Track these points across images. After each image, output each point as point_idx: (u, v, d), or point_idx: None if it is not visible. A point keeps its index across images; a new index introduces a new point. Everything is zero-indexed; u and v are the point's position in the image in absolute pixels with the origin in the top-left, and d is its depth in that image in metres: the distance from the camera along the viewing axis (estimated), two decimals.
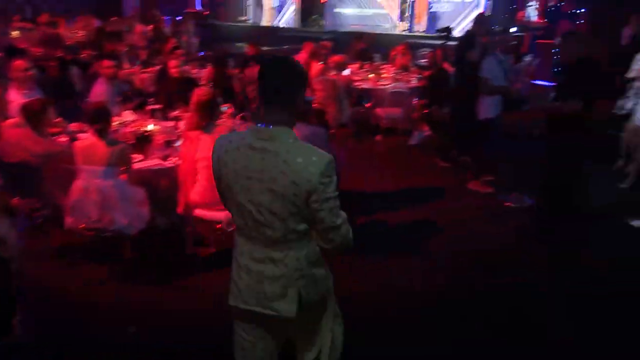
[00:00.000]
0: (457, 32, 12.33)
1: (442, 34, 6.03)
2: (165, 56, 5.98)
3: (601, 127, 5.19)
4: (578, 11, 11.72)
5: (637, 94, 5.09)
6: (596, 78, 3.97)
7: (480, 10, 12.56)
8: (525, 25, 10.84)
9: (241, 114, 4.71)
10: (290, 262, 1.77)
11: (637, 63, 5.17)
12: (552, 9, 11.64)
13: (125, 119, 4.45)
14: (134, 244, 3.67)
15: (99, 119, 3.45)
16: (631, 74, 5.14)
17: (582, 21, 11.76)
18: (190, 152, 3.44)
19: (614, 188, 5.17)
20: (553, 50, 10.50)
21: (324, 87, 4.12)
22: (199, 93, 3.48)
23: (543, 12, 11.69)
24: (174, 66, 5.49)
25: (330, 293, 2.00)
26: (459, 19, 13.16)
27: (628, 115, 5.20)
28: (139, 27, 12.70)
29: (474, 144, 5.31)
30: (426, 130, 6.70)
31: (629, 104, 5.11)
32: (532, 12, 11.80)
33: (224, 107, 4.28)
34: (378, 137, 6.73)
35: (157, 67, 6.27)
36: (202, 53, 12.96)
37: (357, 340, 2.42)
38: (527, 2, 11.89)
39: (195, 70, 6.85)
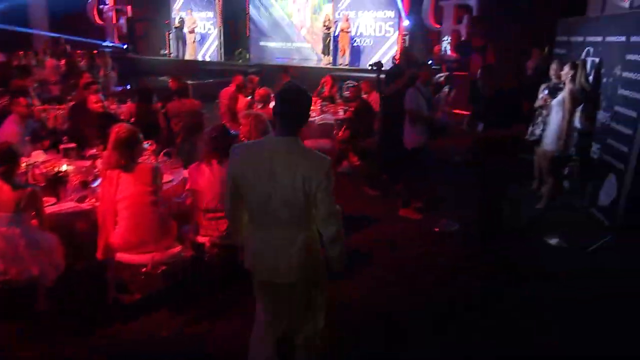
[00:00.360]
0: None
1: (375, 68, 6.34)
2: (80, 91, 5.71)
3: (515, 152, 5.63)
4: (486, 45, 12.81)
5: (544, 121, 5.59)
6: (516, 106, 4.35)
7: (399, 45, 13.37)
8: (441, 59, 11.63)
9: (165, 150, 4.57)
10: (299, 241, 2.28)
11: (542, 93, 5.70)
12: (464, 43, 12.62)
13: (35, 159, 4.16)
14: (49, 295, 3.38)
15: (4, 160, 3.21)
16: (538, 103, 5.66)
17: (490, 54, 12.84)
18: (110, 192, 3.28)
19: (530, 209, 5.57)
20: (473, 81, 11.31)
21: (248, 121, 4.13)
22: (118, 130, 3.35)
23: (455, 46, 12.63)
24: (95, 101, 5.26)
25: (324, 279, 2.48)
26: (380, 53, 13.90)
27: (538, 141, 5.68)
28: (51, 62, 12.15)
29: (402, 172, 5.53)
30: (354, 160, 6.89)
31: (537, 131, 5.59)
32: (447, 46, 12.70)
33: (146, 144, 4.14)
34: None
35: (71, 103, 5.98)
36: (122, 87, 12.59)
37: None
38: (442, 37, 12.80)
39: (114, 106, 6.61)
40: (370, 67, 6.55)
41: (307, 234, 2.31)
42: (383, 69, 6.31)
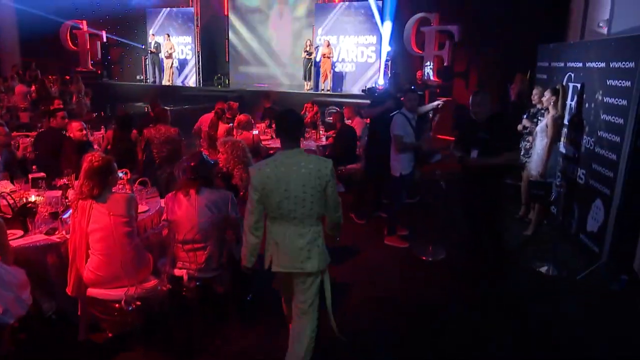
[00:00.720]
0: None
1: (367, 93, 6.48)
2: (51, 119, 5.65)
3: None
4: (470, 71, 13.18)
5: (528, 147, 5.74)
6: (512, 132, 4.41)
7: (381, 70, 13.66)
8: (424, 84, 11.89)
9: (140, 179, 4.53)
10: (311, 235, 2.87)
11: (524, 121, 5.87)
12: (446, 68, 12.96)
13: (1, 189, 4.08)
14: (15, 334, 3.26)
15: None
16: (519, 129, 5.82)
17: (473, 80, 13.21)
18: (81, 224, 3.22)
19: (518, 236, 5.64)
20: (458, 106, 11.56)
21: (225, 148, 4.14)
22: (91, 158, 3.32)
23: (437, 71, 12.95)
24: (79, 129, 5.24)
25: (327, 264, 3.01)
26: (363, 79, 14.16)
27: (522, 167, 5.81)
28: (20, 87, 12.05)
29: (388, 200, 5.56)
30: (339, 187, 6.92)
31: (522, 157, 5.72)
32: (430, 72, 13.01)
33: (121, 173, 4.10)
34: None
35: (40, 130, 5.92)
36: (95, 114, 12.51)
37: None
38: (425, 62, 13.11)
39: (85, 132, 6.54)
40: (363, 92, 6.69)
41: (315, 228, 2.90)
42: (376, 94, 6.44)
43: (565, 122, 5.81)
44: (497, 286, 4.43)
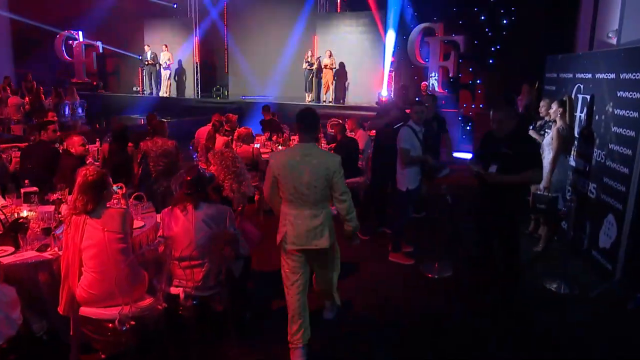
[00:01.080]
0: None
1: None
2: (42, 132, 5.67)
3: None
4: (476, 82, 13.27)
5: None
6: (535, 148, 4.33)
7: (384, 81, 13.73)
8: (430, 95, 11.95)
9: (136, 194, 4.53)
10: (324, 216, 3.44)
11: (531, 133, 5.89)
12: (452, 80, 13.04)
13: None
14: (4, 356, 3.24)
15: None
16: None
17: (480, 91, 13.29)
18: (74, 240, 3.22)
19: (528, 252, 5.61)
20: (463, 118, 11.60)
21: (215, 160, 4.14)
22: (85, 172, 3.32)
23: (443, 83, 13.03)
24: (81, 143, 5.24)
25: (335, 242, 3.63)
26: (365, 90, 14.23)
27: None
28: (13, 99, 12.14)
29: (393, 215, 5.55)
30: None
31: None
32: (435, 83, 13.08)
33: (116, 187, 4.11)
34: None
35: (30, 143, 5.95)
36: (90, 126, 12.58)
37: None
38: (429, 73, 13.20)
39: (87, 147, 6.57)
40: (376, 105, 6.74)
41: (326, 210, 3.46)
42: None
43: (575, 134, 5.82)
44: (505, 304, 4.40)
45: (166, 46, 16.11)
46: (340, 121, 8.23)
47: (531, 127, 5.99)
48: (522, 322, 4.19)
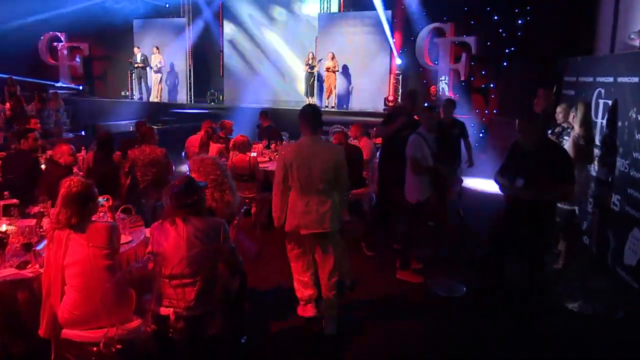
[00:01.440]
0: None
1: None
2: (21, 140, 5.68)
3: None
4: (489, 86, 13.29)
5: None
6: (564, 162, 4.19)
7: (391, 85, 13.78)
8: (448, 100, 11.96)
9: (123, 206, 4.53)
10: (330, 202, 4.07)
11: None
12: (463, 83, 13.06)
13: None
14: None
15: None
16: None
17: (493, 96, 13.30)
18: (57, 256, 3.21)
19: (548, 268, 5.57)
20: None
21: (195, 166, 4.12)
22: (69, 183, 3.32)
23: (454, 86, 13.06)
24: (69, 153, 5.23)
25: (342, 227, 4.30)
26: (371, 95, 14.28)
27: None
28: None
29: (402, 229, 5.53)
30: (345, 214, 6.86)
31: None
32: (445, 87, 13.11)
33: (102, 199, 4.11)
34: None
35: (11, 152, 5.96)
36: (75, 134, 12.63)
37: None
38: (439, 77, 13.23)
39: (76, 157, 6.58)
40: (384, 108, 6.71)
41: (334, 199, 4.10)
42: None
43: (597, 142, 5.81)
44: (523, 325, 4.36)
45: (157, 48, 16.21)
46: (343, 128, 8.23)
47: (549, 133, 5.99)
48: (541, 349, 4.15)
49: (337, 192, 4.16)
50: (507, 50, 12.60)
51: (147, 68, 16.23)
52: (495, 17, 12.77)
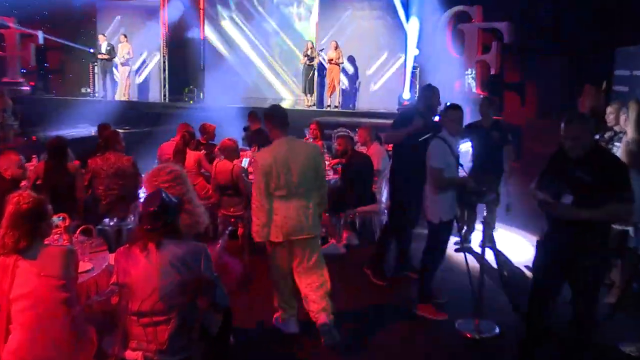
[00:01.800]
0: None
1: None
2: None
3: None
4: (525, 82, 13.33)
5: None
6: (619, 174, 4.09)
7: (406, 81, 13.81)
8: (486, 99, 11.99)
9: (82, 227, 4.53)
10: (312, 206, 4.66)
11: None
12: (493, 78, 13.08)
13: None
14: None
15: None
16: None
17: (530, 93, 13.34)
18: (3, 288, 3.20)
19: (599, 302, 5.56)
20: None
21: (148, 179, 4.08)
22: (17, 199, 3.32)
23: (482, 82, 13.08)
24: (17, 164, 5.24)
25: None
26: (382, 92, 14.33)
27: None
28: None
29: (423, 254, 5.51)
30: (340, 248, 6.85)
31: None
32: (471, 82, 13.14)
33: (57, 219, 4.10)
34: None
35: None
36: (25, 139, 12.65)
37: None
38: (465, 70, 13.25)
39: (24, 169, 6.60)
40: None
41: (314, 201, 4.68)
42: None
43: None
44: None
45: (125, 36, 16.29)
46: (349, 132, 8.22)
47: (597, 138, 5.98)
48: None
49: (315, 193, 4.71)
50: (546, 39, 12.64)
51: (113, 60, 16.29)
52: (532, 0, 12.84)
